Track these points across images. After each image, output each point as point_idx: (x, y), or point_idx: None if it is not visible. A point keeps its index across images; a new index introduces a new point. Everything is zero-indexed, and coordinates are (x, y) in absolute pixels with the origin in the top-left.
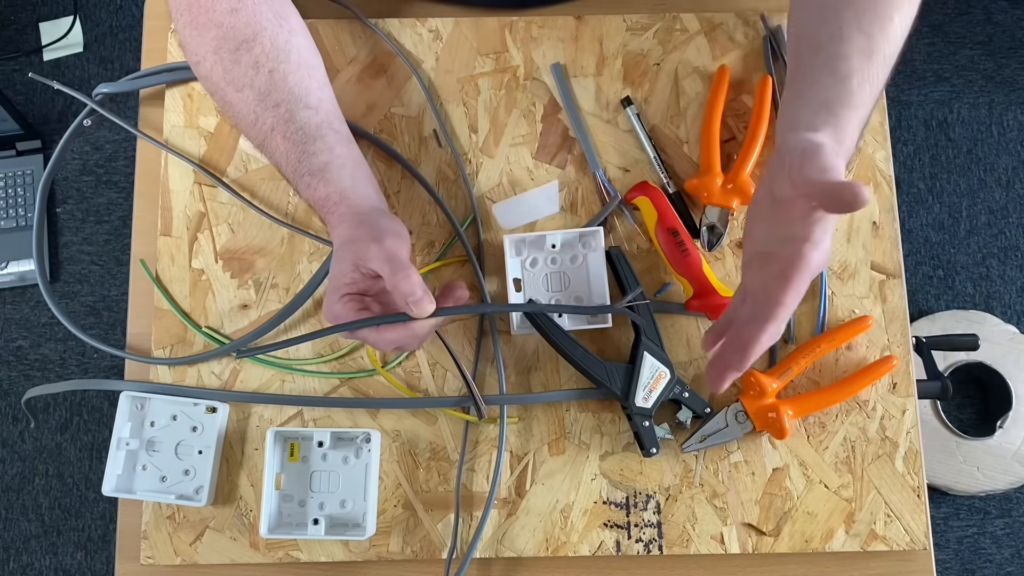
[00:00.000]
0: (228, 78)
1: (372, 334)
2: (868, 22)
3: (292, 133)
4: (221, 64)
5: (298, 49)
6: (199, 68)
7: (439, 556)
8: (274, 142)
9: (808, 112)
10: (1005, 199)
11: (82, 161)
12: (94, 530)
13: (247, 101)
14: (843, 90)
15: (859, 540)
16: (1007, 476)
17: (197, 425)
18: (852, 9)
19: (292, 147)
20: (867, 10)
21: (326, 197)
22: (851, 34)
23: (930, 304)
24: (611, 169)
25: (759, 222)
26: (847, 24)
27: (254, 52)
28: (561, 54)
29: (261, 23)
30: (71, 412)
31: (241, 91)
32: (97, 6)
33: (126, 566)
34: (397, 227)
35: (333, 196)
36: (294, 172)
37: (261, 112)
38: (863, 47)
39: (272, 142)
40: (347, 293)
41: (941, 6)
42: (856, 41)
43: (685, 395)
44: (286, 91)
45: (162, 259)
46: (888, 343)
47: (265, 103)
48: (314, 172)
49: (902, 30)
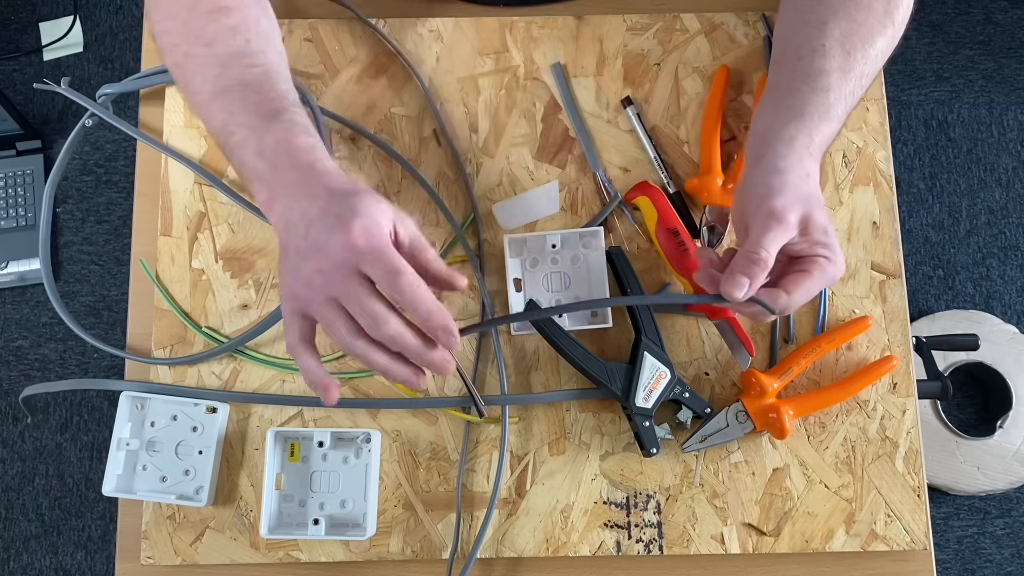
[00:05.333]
0: (199, 33)
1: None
2: (851, 43)
3: (269, 91)
4: (195, 20)
5: (277, 40)
6: (168, 23)
7: (439, 556)
8: (241, 93)
9: (781, 121)
10: (1005, 199)
11: (82, 161)
12: (94, 530)
13: (216, 55)
14: (818, 102)
15: (859, 540)
16: (1007, 476)
17: (197, 425)
18: (839, 28)
19: (267, 101)
20: (853, 32)
21: (312, 148)
22: (834, 50)
23: (930, 304)
24: (611, 169)
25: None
26: (831, 40)
27: (233, 18)
28: (561, 54)
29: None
30: (71, 412)
31: (211, 46)
32: (97, 6)
33: (126, 566)
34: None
35: (320, 151)
36: (266, 118)
37: (232, 67)
38: (843, 64)
39: (238, 93)
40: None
41: (941, 6)
42: (837, 57)
43: (685, 395)
44: (264, 61)
45: (162, 259)
46: (888, 343)
47: (238, 61)
48: (297, 123)
49: (883, 54)
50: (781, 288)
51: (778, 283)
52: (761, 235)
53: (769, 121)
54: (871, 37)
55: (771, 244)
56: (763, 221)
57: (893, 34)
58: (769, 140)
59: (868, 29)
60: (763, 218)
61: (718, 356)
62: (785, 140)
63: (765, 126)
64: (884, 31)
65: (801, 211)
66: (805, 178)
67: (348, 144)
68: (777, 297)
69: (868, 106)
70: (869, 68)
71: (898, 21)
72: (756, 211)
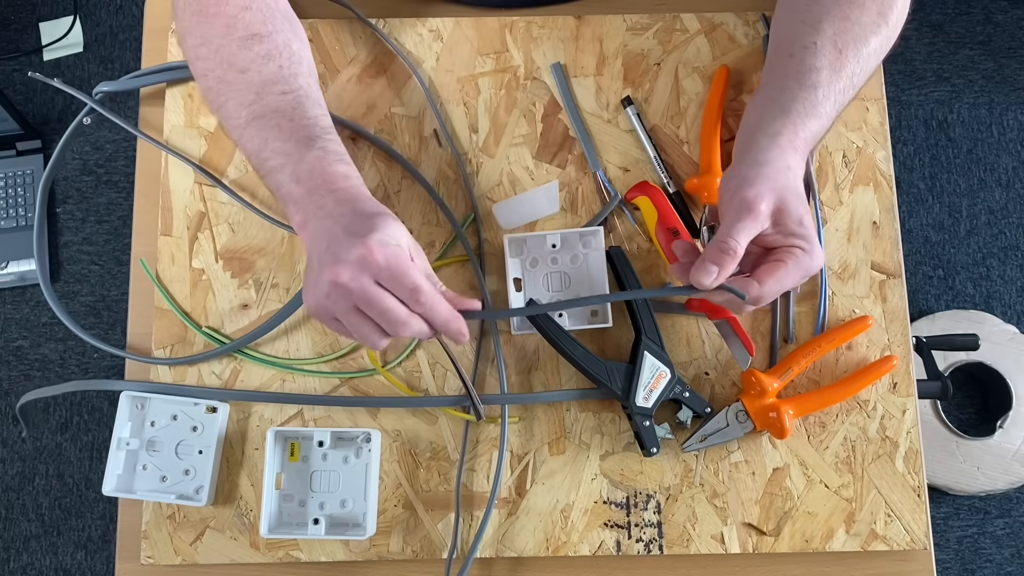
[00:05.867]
0: (232, 60)
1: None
2: (844, 41)
3: (301, 119)
4: (228, 47)
5: (309, 62)
6: (202, 50)
7: (439, 556)
8: (275, 120)
9: (768, 117)
10: (1005, 199)
11: (82, 161)
12: (94, 530)
13: (250, 82)
14: (806, 98)
15: (859, 540)
16: (1007, 476)
17: (197, 425)
18: (832, 26)
19: (300, 128)
20: (846, 30)
21: (347, 175)
22: (825, 48)
23: (930, 304)
24: (611, 169)
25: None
26: (824, 37)
27: (266, 45)
28: (561, 54)
29: (275, 24)
30: (71, 412)
31: (245, 73)
32: (97, 6)
33: (126, 566)
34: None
35: (355, 179)
36: (301, 145)
37: (265, 94)
38: (834, 62)
39: (272, 120)
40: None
41: (941, 6)
42: (828, 55)
43: (685, 395)
44: (296, 86)
45: (162, 259)
46: (888, 343)
47: (271, 88)
48: (330, 151)
49: (876, 54)
50: (754, 278)
51: (752, 273)
52: (731, 224)
53: (757, 117)
54: (864, 36)
55: (740, 233)
56: (735, 212)
57: (887, 34)
58: (754, 135)
59: (862, 28)
60: (735, 209)
61: (718, 356)
62: (769, 135)
63: (752, 122)
64: (878, 31)
65: (774, 201)
66: (784, 171)
67: (348, 144)
68: (748, 285)
69: (868, 106)
70: (862, 67)
71: (892, 21)
72: (730, 202)
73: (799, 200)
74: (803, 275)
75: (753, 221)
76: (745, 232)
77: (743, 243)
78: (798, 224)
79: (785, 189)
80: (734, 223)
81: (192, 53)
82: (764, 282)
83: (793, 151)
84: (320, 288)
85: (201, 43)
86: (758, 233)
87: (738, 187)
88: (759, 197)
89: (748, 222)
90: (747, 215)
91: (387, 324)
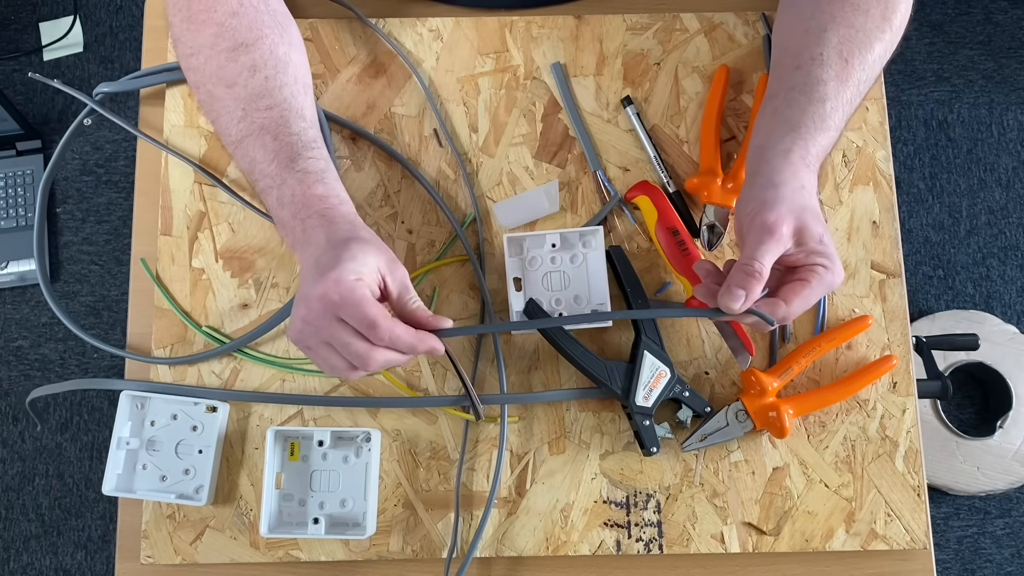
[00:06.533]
0: (220, 74)
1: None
2: (849, 50)
3: (285, 136)
4: (216, 60)
5: (295, 64)
6: (192, 60)
7: (439, 555)
8: (261, 140)
9: (778, 134)
10: (1005, 199)
11: (82, 161)
12: (94, 530)
13: (237, 97)
14: (815, 112)
15: (859, 539)
16: (1007, 476)
17: (197, 424)
18: (836, 35)
19: (283, 147)
20: (851, 38)
21: (324, 196)
22: (831, 59)
23: (930, 304)
24: (611, 169)
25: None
26: (829, 47)
27: (252, 55)
28: (561, 54)
29: (262, 30)
30: (71, 412)
31: (232, 87)
32: (97, 6)
33: (126, 566)
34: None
35: (332, 198)
36: (283, 168)
37: (251, 111)
38: (840, 72)
39: (258, 139)
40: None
41: (941, 6)
42: (835, 66)
43: (685, 394)
44: (280, 99)
45: (162, 259)
46: (888, 343)
47: (256, 104)
48: (310, 172)
49: (881, 59)
50: (780, 298)
51: (777, 293)
52: (755, 248)
53: (767, 134)
54: (869, 43)
55: (764, 256)
56: (757, 234)
57: (891, 38)
58: (766, 154)
59: (866, 35)
60: (757, 232)
61: (718, 355)
62: (781, 153)
63: (763, 139)
64: (882, 36)
65: (794, 223)
66: (800, 190)
67: (348, 144)
68: (776, 308)
69: (868, 106)
70: (867, 74)
71: (896, 25)
72: (751, 225)
73: (817, 219)
74: (826, 291)
75: (776, 243)
76: (769, 255)
77: (768, 265)
78: (819, 243)
79: (804, 210)
80: (757, 246)
81: (184, 62)
82: (791, 302)
83: (805, 167)
84: (295, 321)
85: (191, 52)
86: (780, 254)
87: (758, 210)
88: (780, 220)
89: (771, 244)
90: (769, 238)
91: (352, 359)
